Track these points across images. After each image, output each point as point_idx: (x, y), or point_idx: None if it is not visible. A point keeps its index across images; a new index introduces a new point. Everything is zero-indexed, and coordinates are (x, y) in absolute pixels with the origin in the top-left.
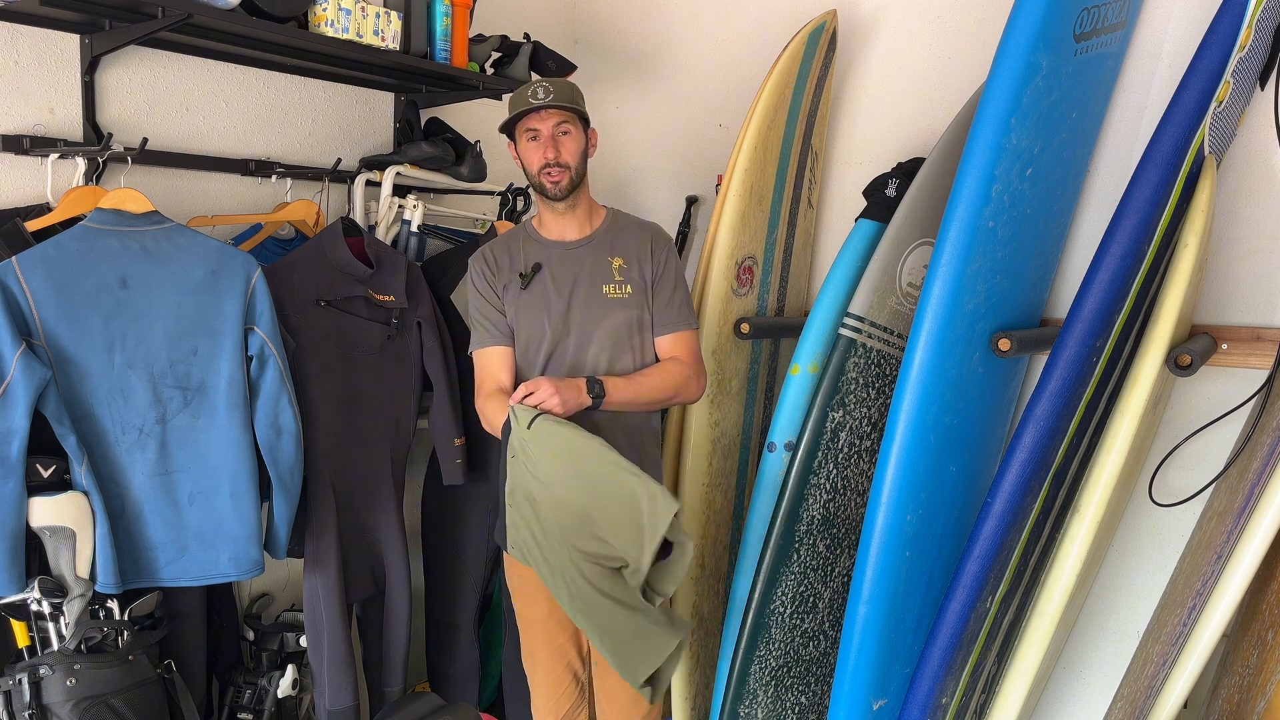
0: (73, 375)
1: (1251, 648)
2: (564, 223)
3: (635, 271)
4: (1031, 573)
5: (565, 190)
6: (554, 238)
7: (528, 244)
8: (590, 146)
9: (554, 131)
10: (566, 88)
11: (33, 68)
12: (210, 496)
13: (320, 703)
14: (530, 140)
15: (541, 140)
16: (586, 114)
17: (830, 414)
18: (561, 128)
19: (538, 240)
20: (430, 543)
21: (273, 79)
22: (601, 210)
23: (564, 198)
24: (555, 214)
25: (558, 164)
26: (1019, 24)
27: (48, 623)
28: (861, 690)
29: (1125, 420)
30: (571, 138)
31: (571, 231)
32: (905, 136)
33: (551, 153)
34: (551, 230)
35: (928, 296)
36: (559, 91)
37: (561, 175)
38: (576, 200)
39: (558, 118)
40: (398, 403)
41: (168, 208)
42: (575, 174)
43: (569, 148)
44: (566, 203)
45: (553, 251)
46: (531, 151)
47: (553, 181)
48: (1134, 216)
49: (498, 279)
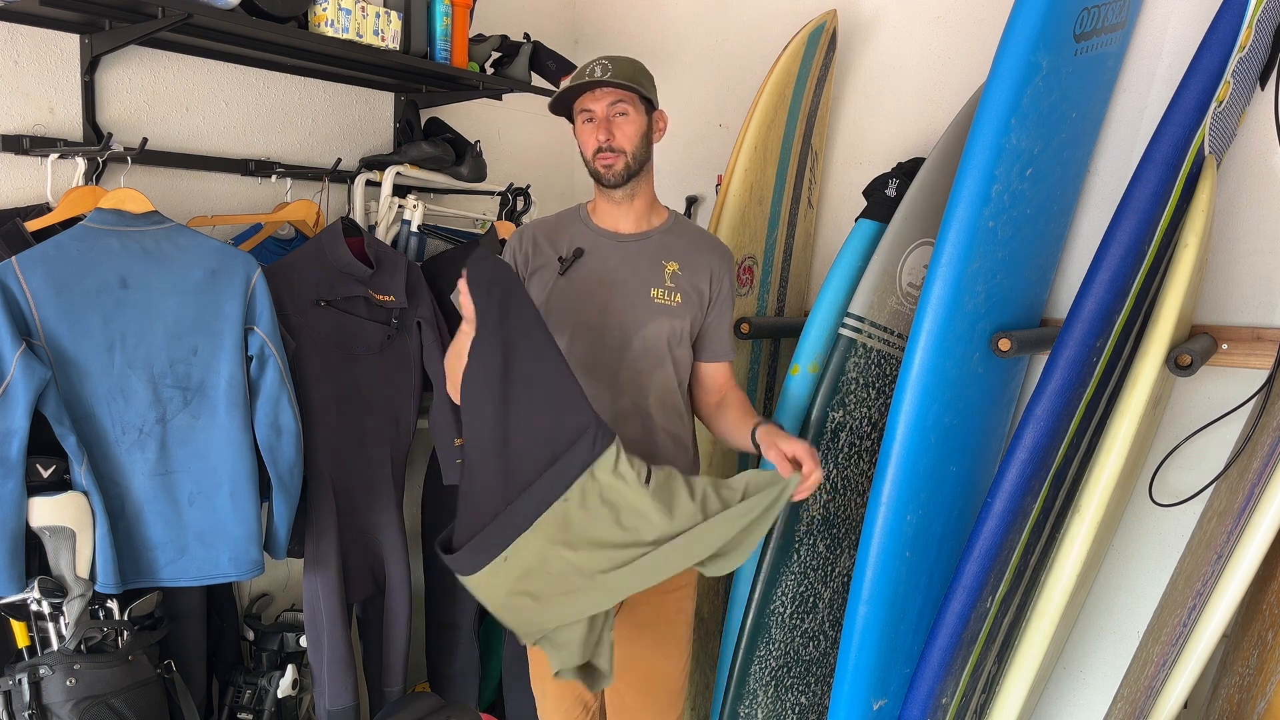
0: (73, 375)
1: (1251, 648)
2: (619, 213)
3: (689, 282)
4: (1031, 573)
5: (621, 177)
6: (607, 227)
7: (576, 227)
8: (656, 131)
9: (609, 112)
10: (628, 65)
11: (33, 68)
12: (210, 496)
13: (320, 703)
14: (585, 122)
15: (596, 122)
16: (650, 94)
17: (830, 414)
18: (618, 108)
19: (588, 225)
20: (430, 543)
21: (273, 79)
22: (664, 210)
23: (620, 185)
24: (611, 202)
25: (611, 148)
26: (1019, 24)
27: (48, 623)
28: (861, 690)
29: (1125, 420)
30: (629, 119)
31: (627, 224)
32: (905, 136)
33: (604, 135)
34: (605, 219)
35: (928, 296)
36: (618, 68)
37: (615, 159)
38: (636, 190)
39: (613, 96)
40: (398, 403)
41: (168, 208)
42: (632, 159)
43: (625, 130)
44: (624, 190)
45: (602, 241)
46: (586, 134)
47: (605, 166)
48: (1134, 216)
49: (532, 261)
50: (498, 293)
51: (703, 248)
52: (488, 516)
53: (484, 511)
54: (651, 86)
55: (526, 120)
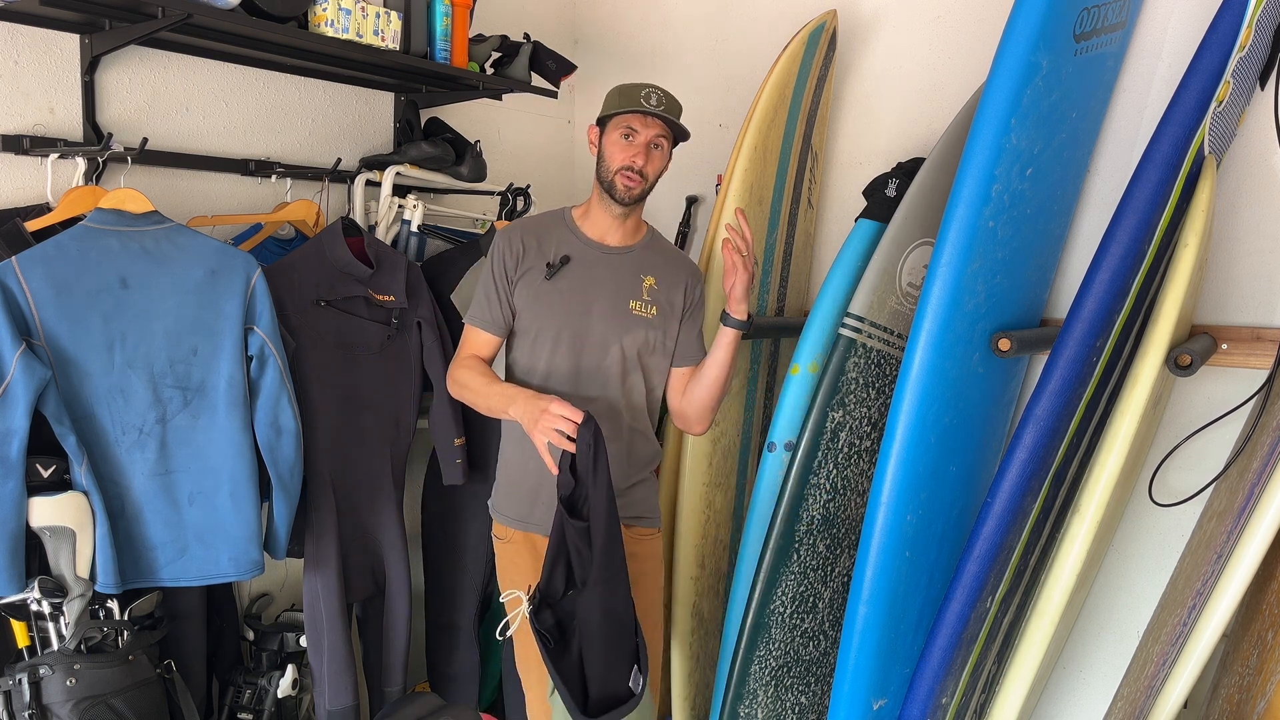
0: (73, 375)
1: (1251, 648)
2: (612, 226)
3: (664, 297)
4: (1031, 573)
5: (635, 198)
6: (594, 237)
7: (562, 233)
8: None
9: (651, 139)
10: (677, 104)
11: (33, 68)
12: (210, 496)
13: (320, 703)
14: (623, 137)
15: (635, 144)
16: (684, 136)
17: (830, 414)
18: (658, 140)
19: (575, 233)
20: (430, 543)
21: (273, 79)
22: (644, 226)
23: (630, 204)
24: (609, 215)
25: (640, 172)
26: (1019, 24)
27: (48, 623)
28: (861, 690)
29: (1125, 420)
30: (662, 153)
31: (614, 237)
32: (905, 136)
33: (641, 159)
34: (594, 229)
35: (928, 296)
36: (670, 105)
37: (638, 184)
38: (633, 210)
39: (660, 130)
40: (398, 403)
41: (168, 208)
42: (649, 187)
43: (656, 163)
44: (627, 209)
45: (589, 251)
46: (618, 148)
47: (627, 186)
48: (1134, 216)
49: (521, 264)
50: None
51: (677, 265)
52: (629, 665)
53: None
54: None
55: (526, 120)
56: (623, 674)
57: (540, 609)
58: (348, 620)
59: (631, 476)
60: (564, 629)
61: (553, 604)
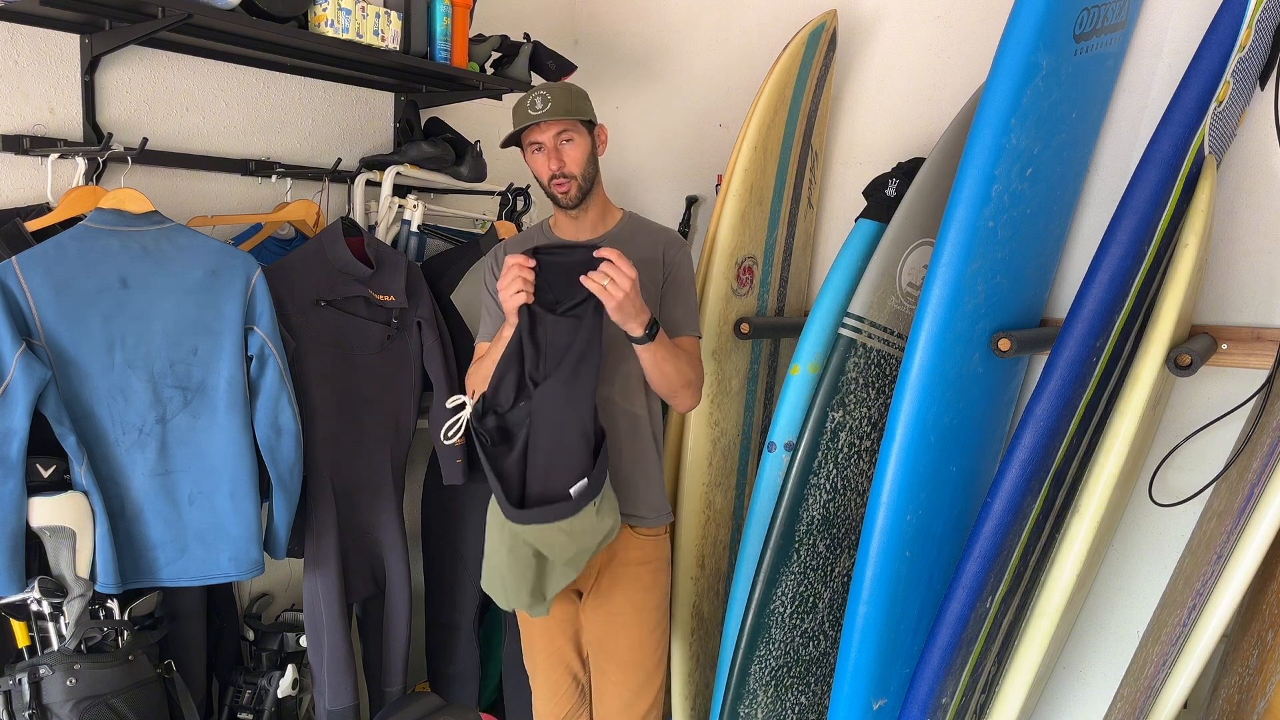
0: (73, 375)
1: (1251, 648)
2: (577, 224)
3: (645, 277)
4: (1031, 573)
5: (576, 199)
6: (568, 238)
7: (541, 241)
8: (600, 146)
9: (556, 142)
10: (564, 94)
11: (33, 68)
12: (210, 496)
13: (320, 703)
14: (535, 152)
15: (545, 152)
16: (589, 117)
17: (830, 414)
18: (563, 136)
19: (551, 239)
20: (430, 543)
21: (273, 79)
22: (618, 212)
23: (576, 205)
24: (569, 218)
25: (563, 174)
26: (1019, 24)
27: (48, 623)
28: (861, 690)
29: (1125, 420)
30: (575, 145)
31: (585, 232)
32: (905, 136)
33: (556, 163)
34: (565, 231)
35: (928, 296)
36: (556, 101)
37: (569, 185)
38: (589, 204)
39: (558, 127)
40: (398, 403)
41: (168, 208)
42: (583, 180)
43: (573, 156)
44: (580, 208)
45: None
46: (538, 164)
47: (562, 192)
48: (1134, 216)
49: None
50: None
51: (653, 240)
52: (574, 474)
53: (566, 470)
54: (589, 107)
55: None
56: (565, 479)
57: (485, 415)
58: (348, 620)
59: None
60: (508, 435)
61: (500, 413)
